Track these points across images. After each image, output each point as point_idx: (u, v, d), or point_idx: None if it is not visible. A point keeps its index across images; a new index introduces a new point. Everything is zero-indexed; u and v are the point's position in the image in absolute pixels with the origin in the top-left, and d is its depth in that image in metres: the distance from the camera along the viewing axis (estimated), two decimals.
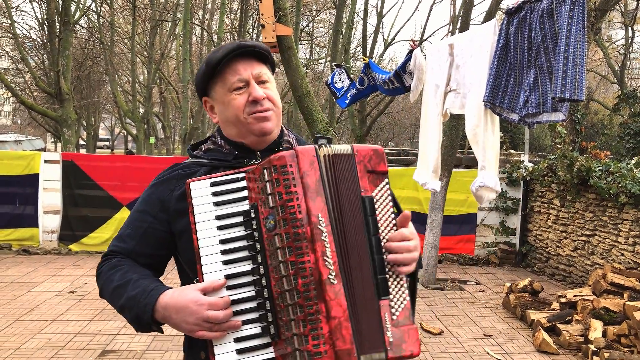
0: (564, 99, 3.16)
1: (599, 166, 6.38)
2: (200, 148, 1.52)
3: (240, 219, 1.26)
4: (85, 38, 19.58)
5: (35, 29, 19.81)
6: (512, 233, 8.16)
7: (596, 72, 22.43)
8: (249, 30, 18.03)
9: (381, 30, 15.55)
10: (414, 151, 23.90)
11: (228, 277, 1.23)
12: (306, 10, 19.55)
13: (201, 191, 1.28)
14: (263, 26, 5.87)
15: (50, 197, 7.71)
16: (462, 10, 7.28)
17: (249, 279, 1.23)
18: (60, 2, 11.52)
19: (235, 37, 17.00)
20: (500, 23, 3.88)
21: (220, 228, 1.25)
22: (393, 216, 1.31)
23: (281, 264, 1.20)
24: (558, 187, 7.18)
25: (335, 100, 6.83)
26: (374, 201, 1.28)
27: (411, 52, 5.05)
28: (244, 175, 1.29)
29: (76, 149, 12.50)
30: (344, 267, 1.22)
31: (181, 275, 1.47)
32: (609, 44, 21.60)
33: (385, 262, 1.27)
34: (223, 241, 1.25)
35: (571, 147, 7.99)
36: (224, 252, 1.24)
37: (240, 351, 1.20)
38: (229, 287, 1.23)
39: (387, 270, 1.27)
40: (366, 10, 13.66)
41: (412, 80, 5.09)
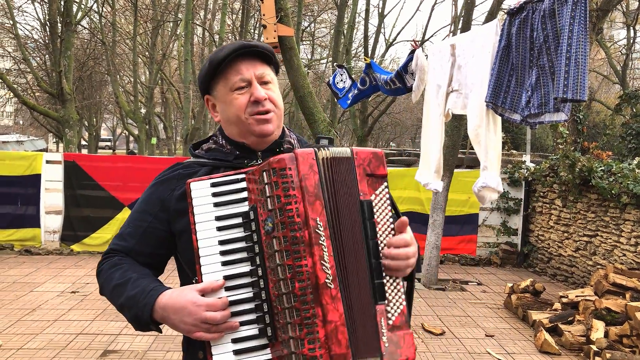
0: (566, 99, 3.16)
1: (600, 166, 6.37)
2: (201, 147, 1.52)
3: (239, 220, 1.26)
4: (87, 38, 19.63)
5: (37, 29, 19.87)
6: (513, 233, 8.15)
7: (598, 72, 22.41)
8: (251, 31, 18.03)
9: (383, 31, 15.54)
10: (416, 151, 23.87)
11: (227, 278, 1.23)
12: (308, 10, 19.56)
13: (201, 191, 1.28)
14: (264, 26, 5.87)
15: (52, 197, 7.72)
16: (463, 11, 7.28)
17: (247, 281, 1.23)
18: (62, 3, 11.55)
19: (237, 37, 17.01)
20: (502, 23, 3.87)
21: (220, 229, 1.25)
22: (391, 220, 1.31)
23: (279, 267, 1.20)
24: (560, 188, 7.18)
25: (336, 100, 6.84)
26: (372, 205, 1.27)
27: (413, 52, 5.05)
28: (244, 177, 1.28)
29: (78, 149, 12.52)
30: (341, 271, 1.22)
31: (181, 274, 1.48)
32: (611, 44, 21.57)
33: (383, 266, 1.26)
34: (222, 242, 1.25)
35: (573, 148, 7.98)
36: (223, 253, 1.24)
37: (237, 352, 1.21)
38: (227, 288, 1.23)
39: (384, 275, 1.27)
40: (368, 11, 13.67)
41: (413, 80, 5.09)
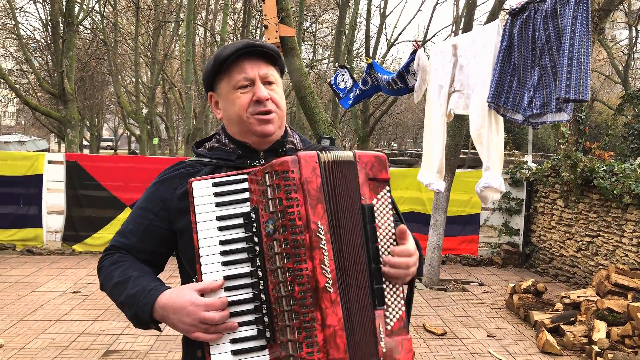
0: (568, 100, 3.16)
1: (602, 167, 6.36)
2: (204, 146, 1.53)
3: (240, 220, 1.25)
4: (88, 39, 19.66)
5: (39, 30, 19.87)
6: (515, 234, 8.15)
7: (600, 72, 22.37)
8: (252, 31, 18.04)
9: (384, 31, 15.54)
10: (417, 152, 23.85)
11: (227, 278, 1.23)
12: (309, 10, 19.57)
13: (203, 191, 1.27)
14: (266, 27, 5.88)
15: (54, 197, 7.73)
16: (465, 11, 7.28)
17: (247, 281, 1.23)
18: (64, 3, 11.57)
19: (239, 37, 17.01)
20: (503, 23, 3.87)
21: (221, 229, 1.25)
22: (393, 225, 1.31)
23: (279, 270, 1.19)
24: (562, 188, 7.17)
25: (338, 100, 6.84)
26: (373, 210, 1.27)
27: (415, 52, 5.05)
28: (246, 177, 1.28)
29: (80, 149, 12.53)
30: (341, 275, 1.22)
31: (182, 273, 1.48)
32: (613, 44, 21.55)
33: (382, 272, 1.26)
34: (223, 242, 1.25)
35: (575, 148, 7.97)
36: (224, 253, 1.24)
37: (235, 352, 1.21)
38: (227, 288, 1.23)
39: (383, 280, 1.26)
40: (369, 11, 13.68)
41: (415, 80, 5.09)
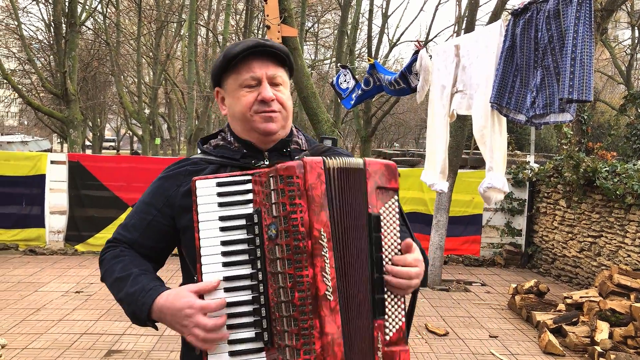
0: (571, 100, 3.15)
1: (605, 167, 6.35)
2: (210, 143, 1.53)
3: (243, 221, 1.25)
4: (91, 39, 19.69)
5: (42, 30, 19.92)
6: (517, 234, 8.14)
7: (603, 73, 22.33)
8: (255, 31, 18.05)
9: (386, 31, 15.51)
10: (420, 152, 23.84)
11: (227, 279, 1.23)
12: (311, 11, 19.56)
13: (206, 190, 1.27)
14: (268, 27, 5.88)
15: (56, 197, 7.75)
16: (467, 11, 7.27)
17: (247, 283, 1.23)
18: (66, 4, 11.59)
19: (241, 38, 17.02)
20: (506, 24, 3.87)
21: (223, 229, 1.25)
22: (398, 235, 1.30)
23: (279, 275, 1.19)
24: (564, 188, 7.16)
25: (340, 101, 6.84)
26: (380, 219, 1.26)
27: (417, 53, 5.04)
28: (250, 178, 1.28)
29: (82, 149, 12.56)
30: (342, 284, 1.21)
31: (183, 270, 1.49)
32: (616, 44, 21.51)
33: (385, 282, 1.25)
34: (224, 243, 1.24)
35: (577, 148, 7.96)
36: (225, 253, 1.24)
37: (233, 353, 1.20)
38: (227, 289, 1.22)
39: (385, 290, 1.25)
40: (371, 11, 13.67)
41: (418, 81, 5.08)
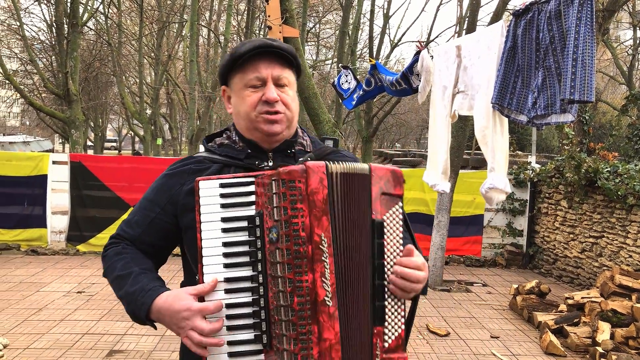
0: (573, 101, 3.15)
1: (606, 167, 6.35)
2: (215, 141, 1.53)
3: (245, 223, 1.25)
4: (93, 40, 19.72)
5: (44, 30, 19.96)
6: (519, 234, 8.13)
7: (604, 73, 22.29)
8: (256, 32, 18.06)
9: (388, 32, 15.54)
10: (421, 152, 23.84)
11: (227, 280, 1.23)
12: (312, 11, 19.57)
13: (209, 191, 1.27)
14: (270, 28, 5.88)
15: (58, 197, 7.76)
16: (468, 11, 7.27)
17: (248, 285, 1.23)
18: (68, 4, 11.61)
19: (242, 38, 17.03)
20: (507, 24, 3.87)
21: (225, 230, 1.25)
22: (401, 242, 1.29)
23: (279, 279, 1.19)
24: (565, 189, 7.15)
25: (341, 101, 6.84)
26: (383, 225, 1.25)
27: (418, 53, 5.05)
28: (253, 180, 1.27)
29: (84, 150, 12.58)
30: (342, 289, 1.21)
31: (185, 268, 1.49)
32: (617, 44, 21.47)
33: (386, 288, 1.25)
34: (226, 244, 1.24)
35: (579, 149, 7.96)
36: (226, 255, 1.24)
37: (232, 354, 1.21)
38: (227, 291, 1.22)
39: (386, 297, 1.25)
40: (373, 12, 13.66)
41: (419, 81, 5.08)
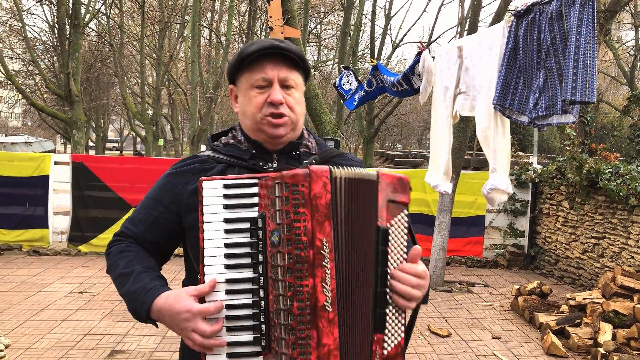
0: (574, 102, 3.15)
1: (608, 168, 6.34)
2: (220, 140, 1.53)
3: (247, 225, 1.25)
4: (94, 40, 19.77)
5: (46, 31, 20.01)
6: (520, 235, 8.13)
7: (606, 74, 22.28)
8: (257, 33, 18.07)
9: (389, 32, 15.54)
10: (422, 153, 23.84)
11: (228, 281, 1.23)
12: (314, 12, 19.59)
13: (213, 191, 1.27)
14: (271, 28, 5.89)
15: (60, 198, 7.77)
16: (470, 12, 7.27)
17: (248, 287, 1.23)
18: (70, 5, 11.63)
19: (244, 39, 17.04)
20: (509, 25, 3.87)
21: (227, 231, 1.25)
22: (406, 250, 1.28)
23: (280, 282, 1.19)
24: (567, 189, 7.15)
25: (343, 102, 6.84)
26: (388, 232, 1.24)
27: (420, 54, 5.05)
28: (257, 182, 1.27)
29: (85, 150, 12.60)
30: (342, 295, 1.20)
31: (187, 267, 1.50)
32: (619, 45, 21.46)
33: (388, 296, 1.24)
34: (228, 245, 1.24)
35: (580, 149, 7.94)
36: (228, 256, 1.24)
37: (230, 355, 1.21)
38: (228, 292, 1.22)
39: (387, 304, 1.24)
40: (374, 12, 13.67)
41: (420, 82, 5.09)
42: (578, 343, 4.65)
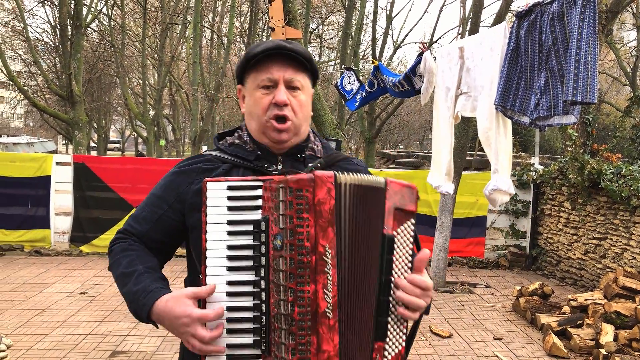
0: (575, 102, 3.15)
1: (610, 169, 6.33)
2: (226, 139, 1.53)
3: (250, 227, 1.24)
4: (96, 41, 19.80)
5: (48, 32, 20.05)
6: (522, 236, 8.12)
7: (608, 74, 22.26)
8: (259, 33, 18.08)
9: (390, 33, 15.54)
10: (424, 153, 23.83)
11: (230, 283, 1.22)
12: (315, 12, 19.60)
13: (217, 192, 1.26)
14: (273, 29, 5.90)
15: (61, 198, 7.78)
16: (471, 13, 7.27)
17: (250, 289, 1.22)
18: (72, 6, 11.65)
19: (245, 39, 17.06)
20: (510, 26, 3.87)
21: (230, 233, 1.24)
22: (411, 259, 1.27)
23: (281, 287, 1.18)
24: (569, 190, 7.14)
25: (344, 102, 6.85)
26: (393, 240, 1.23)
27: (421, 54, 5.05)
28: (261, 184, 1.26)
29: (87, 151, 12.61)
30: (344, 302, 1.19)
31: (189, 266, 1.49)
32: (621, 45, 21.44)
33: (390, 305, 1.24)
34: (230, 247, 1.23)
35: (582, 150, 7.94)
36: (230, 258, 1.23)
37: (230, 357, 1.21)
38: (230, 294, 1.22)
39: (389, 313, 1.24)
40: (375, 13, 13.67)
41: (422, 83, 5.09)
42: (580, 344, 4.65)
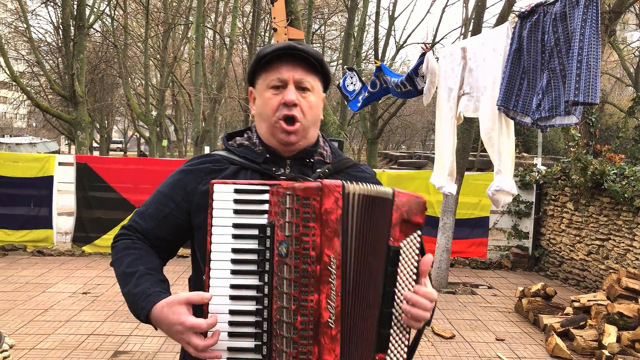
0: (577, 103, 3.14)
1: (613, 169, 6.32)
2: (235, 140, 1.52)
3: (256, 232, 1.24)
4: (99, 42, 19.85)
5: (51, 32, 20.09)
6: (524, 237, 8.10)
7: (611, 75, 22.20)
8: (261, 34, 18.11)
9: (393, 33, 15.52)
10: (426, 154, 23.83)
11: (233, 287, 1.22)
12: (318, 13, 19.61)
13: (223, 195, 1.26)
14: (275, 29, 5.90)
15: (64, 199, 7.79)
16: (474, 13, 7.26)
17: (253, 294, 1.22)
18: (75, 7, 11.68)
19: (248, 40, 17.07)
20: (513, 26, 3.87)
21: (235, 237, 1.24)
22: (415, 271, 1.27)
23: (285, 295, 1.18)
24: (572, 191, 7.12)
25: (346, 103, 6.85)
26: (399, 252, 1.23)
27: (423, 55, 5.04)
28: (268, 189, 1.25)
29: (90, 151, 12.64)
30: (347, 313, 1.20)
31: (194, 265, 1.50)
32: (624, 46, 21.39)
33: (393, 317, 1.23)
34: (235, 250, 1.23)
35: (585, 151, 7.92)
36: (234, 261, 1.23)
37: None
38: (232, 297, 1.22)
39: (392, 324, 1.24)
40: (378, 13, 13.68)
41: (424, 83, 5.08)
42: (582, 345, 4.64)
